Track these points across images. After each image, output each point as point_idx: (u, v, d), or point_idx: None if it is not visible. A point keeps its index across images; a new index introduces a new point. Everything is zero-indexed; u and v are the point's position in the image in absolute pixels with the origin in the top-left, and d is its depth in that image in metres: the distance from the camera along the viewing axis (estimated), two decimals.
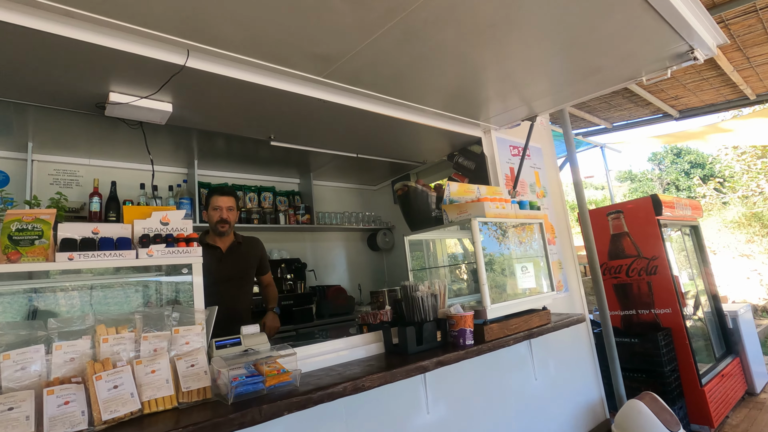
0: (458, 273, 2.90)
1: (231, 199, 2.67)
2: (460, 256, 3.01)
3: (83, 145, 3.32)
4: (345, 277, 4.86)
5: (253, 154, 3.90)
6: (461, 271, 2.90)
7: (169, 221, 1.75)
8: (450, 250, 2.85)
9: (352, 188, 5.19)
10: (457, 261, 2.98)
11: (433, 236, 2.66)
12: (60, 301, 1.58)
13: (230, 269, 2.61)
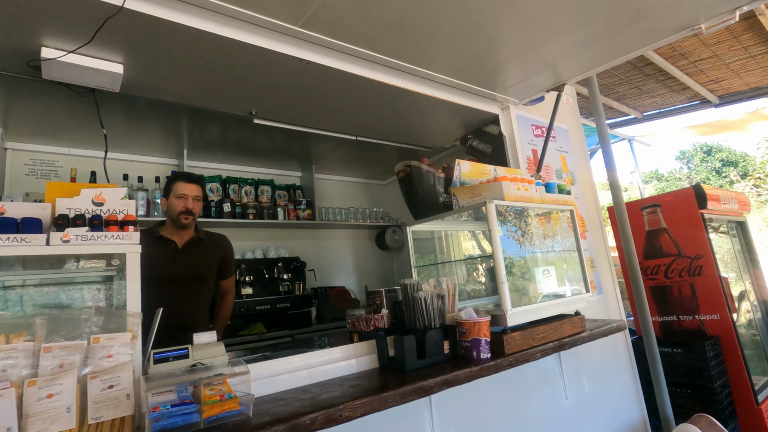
0: (475, 275, 2.49)
1: (198, 188, 2.30)
2: (475, 254, 2.60)
3: (63, 133, 3.05)
4: (350, 279, 4.48)
5: (249, 144, 3.57)
6: (478, 273, 2.49)
7: (104, 201, 1.40)
8: (464, 245, 2.43)
9: (358, 182, 4.82)
10: (473, 258, 2.57)
11: (442, 227, 2.26)
12: None
13: (185, 269, 2.22)
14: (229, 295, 2.55)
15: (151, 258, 2.21)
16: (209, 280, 2.35)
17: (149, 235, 2.23)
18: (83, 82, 1.70)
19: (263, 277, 3.48)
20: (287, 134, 3.33)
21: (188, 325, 2.18)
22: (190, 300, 2.23)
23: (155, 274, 2.16)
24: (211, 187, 3.78)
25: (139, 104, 2.70)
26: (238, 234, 3.87)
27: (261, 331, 3.16)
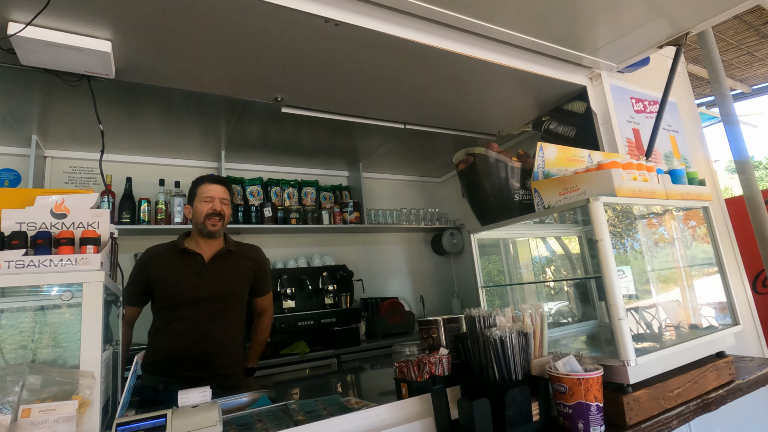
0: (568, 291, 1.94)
1: (225, 190, 1.98)
2: (557, 263, 2.04)
3: (99, 138, 2.90)
4: (404, 288, 4.03)
5: (291, 141, 3.25)
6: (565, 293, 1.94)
7: (68, 211, 1.06)
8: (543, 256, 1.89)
9: (410, 181, 4.36)
10: (557, 271, 2.01)
11: (517, 233, 1.73)
12: None
13: (212, 286, 1.89)
14: (265, 315, 2.19)
15: (174, 274, 1.86)
16: (240, 298, 2.00)
17: (172, 249, 1.93)
18: (69, 66, 1.40)
19: (306, 289, 3.13)
20: (331, 128, 2.99)
21: (214, 352, 1.86)
22: (218, 322, 1.88)
23: (178, 292, 1.85)
24: (252, 191, 3.51)
25: (176, 104, 2.48)
26: (279, 241, 3.58)
27: (303, 350, 2.81)
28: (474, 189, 1.60)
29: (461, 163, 1.63)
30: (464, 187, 1.68)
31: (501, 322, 1.24)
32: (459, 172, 1.66)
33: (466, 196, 1.69)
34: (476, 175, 1.56)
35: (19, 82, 2.06)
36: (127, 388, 0.98)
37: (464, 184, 1.67)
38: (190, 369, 1.82)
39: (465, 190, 1.68)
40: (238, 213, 3.29)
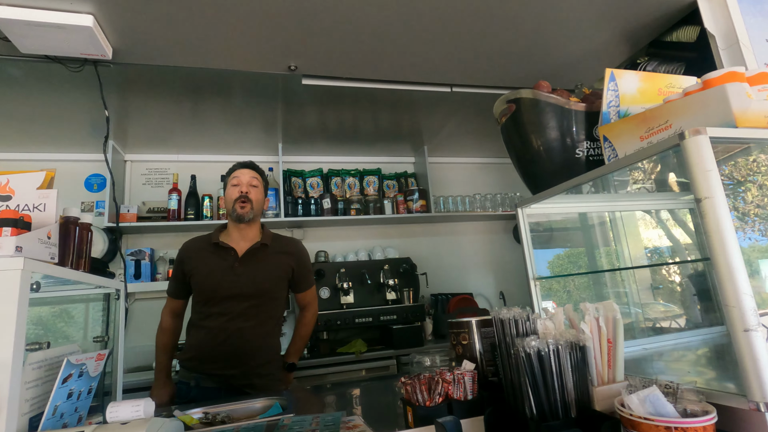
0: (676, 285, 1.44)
1: (254, 174, 1.84)
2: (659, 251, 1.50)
3: (171, 140, 3.04)
4: (481, 283, 3.60)
5: (351, 130, 3.08)
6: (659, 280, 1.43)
7: (13, 193, 0.96)
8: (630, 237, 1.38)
9: (484, 163, 3.89)
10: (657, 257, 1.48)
11: (588, 205, 1.28)
12: None
13: (245, 282, 1.75)
14: (308, 311, 2.02)
15: (207, 269, 1.74)
16: (277, 295, 1.85)
17: (206, 242, 1.84)
18: (62, 49, 1.35)
19: (366, 283, 2.91)
20: (391, 110, 2.75)
21: (248, 350, 1.72)
22: (252, 319, 1.75)
23: (210, 288, 1.74)
24: (311, 182, 3.41)
25: (234, 98, 2.47)
26: (339, 233, 3.42)
27: (360, 349, 2.59)
28: (520, 147, 1.19)
29: (502, 116, 1.23)
30: (509, 147, 1.27)
31: (545, 328, 0.85)
32: (502, 127, 1.26)
33: (510, 155, 1.28)
34: (521, 128, 1.16)
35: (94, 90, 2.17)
36: (53, 394, 0.83)
37: (508, 143, 1.26)
38: (222, 367, 1.71)
39: (510, 151, 1.27)
40: (297, 206, 3.20)
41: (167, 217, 2.97)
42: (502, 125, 1.24)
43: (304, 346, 2.04)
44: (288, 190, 3.30)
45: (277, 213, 3.10)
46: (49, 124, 2.60)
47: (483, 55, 1.75)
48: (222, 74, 2.10)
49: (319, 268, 2.88)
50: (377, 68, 1.77)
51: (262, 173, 1.92)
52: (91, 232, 1.12)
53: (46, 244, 0.90)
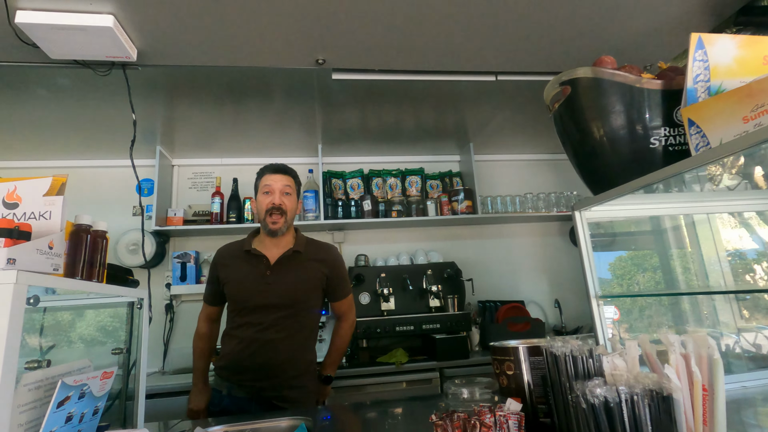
0: None
1: (287, 179, 1.75)
2: None
3: (216, 144, 3.08)
4: (533, 290, 3.33)
5: (392, 128, 2.96)
6: None
7: (20, 200, 0.91)
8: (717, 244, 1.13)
9: (536, 160, 3.61)
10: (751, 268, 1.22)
11: (651, 206, 1.05)
12: None
13: (277, 292, 1.68)
14: (343, 321, 1.92)
15: (239, 277, 1.68)
16: (311, 305, 1.76)
17: (239, 249, 1.79)
18: (88, 53, 1.33)
19: (408, 289, 2.77)
20: (434, 106, 2.62)
21: (279, 363, 1.65)
22: (284, 330, 1.68)
23: (242, 297, 1.69)
24: (352, 184, 3.32)
25: (274, 101, 2.45)
26: (380, 236, 3.30)
27: (400, 360, 2.45)
28: (577, 138, 1.00)
29: (555, 103, 1.04)
30: (564, 139, 1.07)
31: (614, 368, 0.66)
32: (555, 114, 1.06)
33: (569, 153, 1.08)
34: (578, 115, 0.96)
35: (141, 96, 2.25)
36: (46, 420, 0.77)
37: (563, 134, 1.07)
38: (253, 379, 1.66)
39: (565, 145, 1.07)
40: (338, 208, 3.12)
41: (210, 221, 3.00)
42: (554, 113, 1.04)
43: (341, 357, 1.93)
44: (328, 192, 3.23)
45: (317, 216, 3.04)
46: (101, 130, 2.70)
47: (531, 36, 1.55)
48: (258, 75, 2.08)
49: (358, 273, 2.77)
50: (412, 58, 1.62)
51: (295, 176, 1.83)
52: (107, 239, 1.07)
53: (47, 255, 0.85)
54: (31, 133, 2.67)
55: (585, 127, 0.96)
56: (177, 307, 3.03)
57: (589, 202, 0.99)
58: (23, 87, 2.09)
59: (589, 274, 0.97)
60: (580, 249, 1.00)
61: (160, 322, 2.96)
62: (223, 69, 2.00)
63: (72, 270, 0.97)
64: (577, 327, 3.09)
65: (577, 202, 1.02)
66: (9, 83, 2.05)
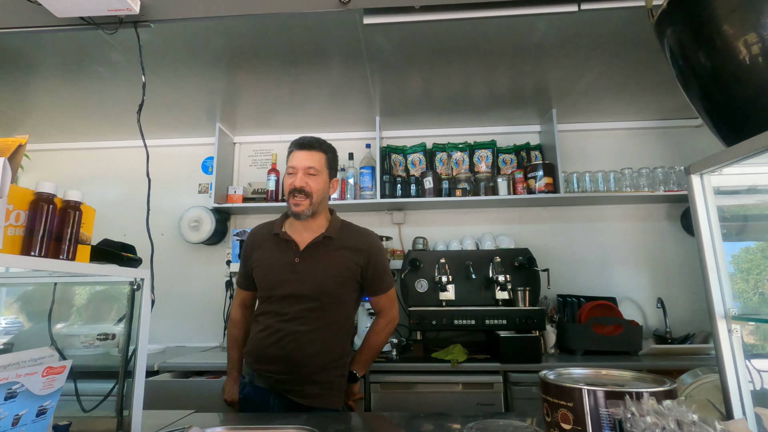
0: None
1: (312, 155, 1.55)
2: None
3: (275, 120, 3.00)
4: (628, 285, 2.77)
5: (460, 95, 2.63)
6: None
7: None
8: None
9: (637, 128, 2.97)
10: None
11: None
12: None
13: (305, 281, 1.50)
14: (381, 317, 1.70)
15: (268, 262, 1.53)
16: (343, 299, 1.56)
17: (268, 231, 1.64)
18: (91, 8, 1.19)
19: (470, 278, 2.43)
20: (508, 66, 2.25)
21: (302, 356, 1.48)
22: (311, 323, 1.51)
23: (269, 284, 1.55)
24: (413, 159, 3.02)
25: (331, 71, 2.29)
26: (443, 217, 2.97)
27: (457, 358, 2.14)
28: (702, 50, 0.60)
29: (658, 9, 0.64)
30: (675, 58, 0.67)
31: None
32: (657, 27, 0.67)
33: (683, 81, 0.68)
34: (707, 11, 0.57)
35: (200, 74, 2.30)
36: None
37: (675, 51, 0.67)
38: (273, 370, 1.51)
39: (678, 67, 0.67)
40: (396, 186, 2.86)
41: (266, 198, 2.93)
42: (659, 17, 0.65)
43: (373, 357, 1.72)
44: (387, 168, 2.97)
45: (374, 194, 2.81)
46: (163, 109, 2.74)
47: None
48: (308, 39, 1.94)
49: (414, 258, 2.49)
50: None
51: (327, 150, 1.61)
52: (80, 211, 0.93)
53: None
54: (99, 115, 2.79)
55: (718, 31, 0.56)
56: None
57: (721, 160, 0.60)
58: (85, 65, 2.14)
59: (713, 279, 0.58)
60: (699, 237, 0.62)
61: (220, 298, 2.99)
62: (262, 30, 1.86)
63: (28, 245, 0.84)
64: (687, 335, 2.49)
65: (698, 161, 0.62)
66: (72, 63, 2.11)
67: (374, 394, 2.11)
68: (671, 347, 2.28)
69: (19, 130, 3.09)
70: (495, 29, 1.88)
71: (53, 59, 2.09)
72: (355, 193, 2.88)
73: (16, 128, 3.04)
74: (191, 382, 2.19)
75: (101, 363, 1.33)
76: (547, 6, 1.32)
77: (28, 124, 2.96)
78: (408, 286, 2.46)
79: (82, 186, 3.27)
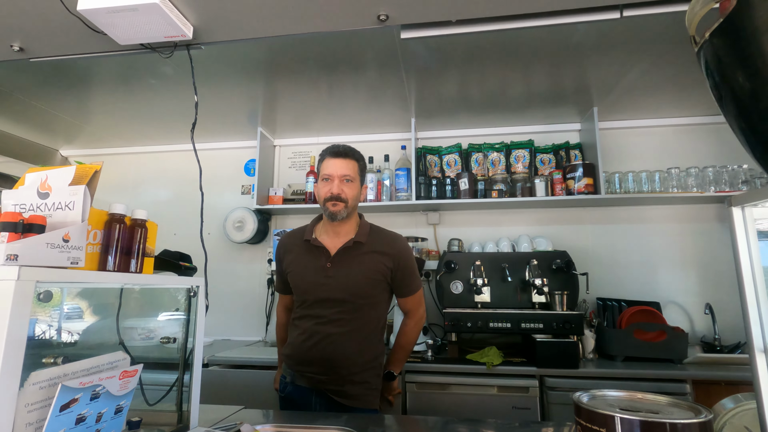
0: None
1: (348, 164, 1.61)
2: None
3: (314, 123, 3.09)
4: (673, 289, 2.68)
5: (496, 95, 2.61)
6: None
7: (50, 190, 0.90)
8: None
9: (684, 125, 2.84)
10: None
11: None
12: None
13: (338, 286, 1.57)
14: (410, 318, 1.77)
15: (301, 268, 1.63)
16: (376, 300, 1.64)
17: (299, 238, 1.72)
18: (148, 35, 1.30)
19: (506, 280, 2.43)
20: (547, 64, 2.22)
21: (339, 357, 1.57)
22: (345, 325, 1.58)
23: (303, 289, 1.64)
24: (448, 160, 3.03)
25: (367, 75, 2.34)
26: (478, 218, 2.97)
27: (492, 361, 2.16)
28: (745, 78, 0.60)
29: (706, 31, 0.64)
30: (721, 84, 0.67)
31: None
32: (701, 52, 0.67)
33: (727, 108, 0.67)
34: (751, 40, 0.57)
35: (243, 82, 2.42)
36: (47, 424, 0.73)
37: (717, 74, 0.66)
38: (313, 372, 1.60)
39: (723, 93, 0.67)
40: (431, 187, 2.88)
41: (305, 200, 3.03)
42: (703, 46, 0.65)
43: (406, 356, 1.79)
44: (423, 169, 3.00)
45: (409, 195, 2.84)
46: (213, 116, 2.89)
47: None
48: (345, 47, 2.00)
49: (449, 260, 2.51)
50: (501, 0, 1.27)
51: (359, 158, 1.68)
52: (146, 228, 1.02)
53: (60, 248, 0.81)
54: (151, 121, 2.98)
55: (762, 60, 0.56)
56: None
57: (764, 195, 0.59)
58: (138, 78, 2.30)
59: (753, 312, 0.58)
60: (738, 267, 0.62)
61: (262, 295, 3.14)
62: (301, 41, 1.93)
63: (104, 260, 0.94)
64: (738, 343, 2.38)
65: (737, 196, 0.62)
66: (128, 75, 2.27)
67: (409, 394, 2.16)
68: (719, 356, 2.19)
69: (80, 137, 3.34)
70: (533, 31, 1.85)
71: (110, 73, 2.25)
72: (391, 195, 2.92)
73: (77, 135, 3.29)
74: (239, 373, 2.34)
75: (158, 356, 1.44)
76: (589, 14, 1.30)
77: (87, 130, 3.19)
78: (443, 287, 2.49)
79: (136, 187, 3.50)
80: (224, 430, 1.14)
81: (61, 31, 1.35)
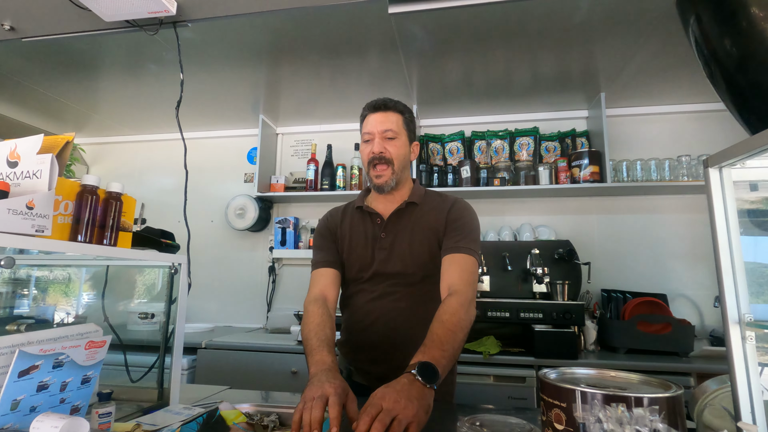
0: None
1: (391, 117, 1.33)
2: None
3: (315, 111, 3.08)
4: (681, 280, 2.59)
5: (501, 81, 2.56)
6: None
7: (19, 158, 0.89)
8: None
9: (697, 111, 2.73)
10: None
11: None
12: None
13: (391, 254, 1.34)
14: (451, 296, 1.24)
15: (353, 237, 1.41)
16: (432, 269, 1.32)
17: (351, 207, 1.49)
18: (133, 11, 1.29)
19: (506, 269, 2.38)
20: (555, 47, 2.16)
21: (397, 340, 1.31)
22: (403, 300, 1.33)
23: (352, 261, 1.40)
24: (451, 148, 2.98)
25: (368, 60, 2.31)
26: (480, 207, 2.82)
27: (489, 350, 2.12)
28: (722, 29, 0.55)
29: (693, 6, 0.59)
30: (700, 39, 0.62)
31: None
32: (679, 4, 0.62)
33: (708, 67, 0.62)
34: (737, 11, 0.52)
35: (245, 69, 2.41)
36: (4, 388, 0.72)
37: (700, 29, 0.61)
38: (368, 362, 1.37)
39: (702, 49, 0.62)
40: (432, 175, 2.84)
41: (306, 187, 3.02)
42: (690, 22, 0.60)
43: (450, 337, 1.08)
44: (425, 157, 2.95)
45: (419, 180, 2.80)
46: (215, 104, 2.90)
47: None
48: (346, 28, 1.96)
49: None
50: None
51: (403, 110, 1.37)
52: (121, 201, 1.01)
53: (23, 215, 0.80)
54: (155, 109, 3.00)
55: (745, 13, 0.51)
56: (279, 269, 3.18)
57: (742, 150, 0.54)
58: (140, 64, 2.31)
59: (728, 281, 0.54)
60: (714, 233, 0.57)
61: (263, 282, 3.14)
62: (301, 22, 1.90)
63: (75, 232, 0.93)
64: None
65: (714, 155, 0.57)
66: (130, 62, 2.28)
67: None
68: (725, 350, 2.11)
69: (88, 125, 3.39)
70: (538, 6, 1.77)
71: (113, 59, 2.26)
72: None
73: (86, 123, 3.33)
74: (229, 354, 2.36)
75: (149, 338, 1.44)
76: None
77: (96, 119, 3.23)
78: None
79: (141, 175, 3.54)
80: (203, 407, 1.13)
81: (48, 9, 1.35)
